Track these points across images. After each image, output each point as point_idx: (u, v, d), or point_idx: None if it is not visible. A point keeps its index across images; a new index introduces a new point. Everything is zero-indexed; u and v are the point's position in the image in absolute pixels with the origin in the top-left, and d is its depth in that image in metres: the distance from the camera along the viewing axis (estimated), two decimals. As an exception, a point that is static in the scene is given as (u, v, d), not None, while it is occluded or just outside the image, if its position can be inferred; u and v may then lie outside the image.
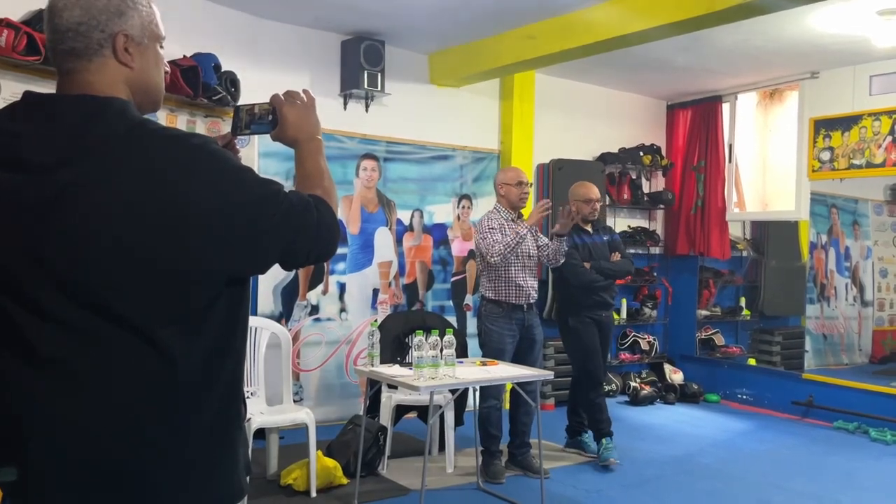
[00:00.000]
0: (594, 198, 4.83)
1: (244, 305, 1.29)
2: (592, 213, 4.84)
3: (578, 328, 4.77)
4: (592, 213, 4.84)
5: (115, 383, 1.15)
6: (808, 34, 5.18)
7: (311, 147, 1.42)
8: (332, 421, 5.07)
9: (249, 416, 3.70)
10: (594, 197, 4.83)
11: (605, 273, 4.78)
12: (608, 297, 4.88)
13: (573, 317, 4.78)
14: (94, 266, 1.13)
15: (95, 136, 1.17)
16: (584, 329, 4.76)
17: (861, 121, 5.72)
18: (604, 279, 4.78)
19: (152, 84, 1.30)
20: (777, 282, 7.24)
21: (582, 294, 4.75)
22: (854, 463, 4.82)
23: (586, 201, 4.80)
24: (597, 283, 4.75)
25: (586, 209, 4.80)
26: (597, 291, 4.77)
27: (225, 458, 1.26)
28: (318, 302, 5.41)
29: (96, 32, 1.21)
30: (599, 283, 4.76)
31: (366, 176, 5.61)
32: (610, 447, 4.64)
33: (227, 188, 1.19)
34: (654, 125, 7.27)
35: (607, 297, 4.87)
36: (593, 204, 4.82)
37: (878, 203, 6.64)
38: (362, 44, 5.25)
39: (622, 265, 4.92)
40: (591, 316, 4.78)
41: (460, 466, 4.48)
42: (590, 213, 4.83)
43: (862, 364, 6.64)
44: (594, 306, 4.79)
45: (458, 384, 3.66)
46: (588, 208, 4.81)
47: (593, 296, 4.77)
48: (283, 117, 1.42)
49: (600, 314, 4.82)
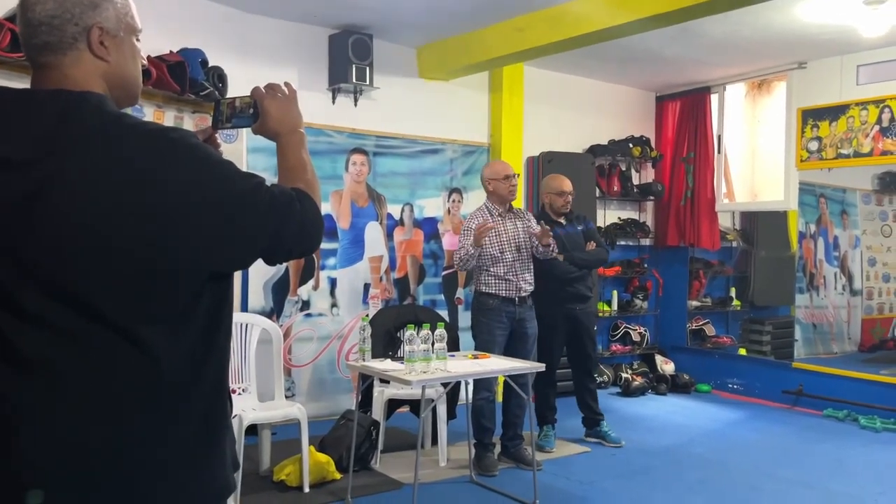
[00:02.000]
0: (567, 190, 4.84)
1: (228, 301, 1.28)
2: (565, 205, 4.85)
3: (543, 319, 4.59)
4: (565, 205, 4.85)
5: (98, 382, 1.13)
6: (796, 24, 5.17)
7: (293, 140, 1.40)
8: (325, 416, 5.06)
9: (238, 413, 3.68)
10: (567, 189, 4.84)
11: (577, 264, 4.77)
12: (583, 289, 4.86)
13: (543, 307, 4.60)
14: (73, 263, 1.12)
15: (72, 131, 1.15)
16: (550, 325, 4.67)
17: (848, 110, 5.73)
18: (577, 270, 4.77)
19: (129, 77, 1.28)
20: (767, 272, 7.26)
21: (557, 286, 4.73)
22: (844, 450, 4.85)
23: (559, 194, 4.82)
24: (570, 274, 4.74)
25: (559, 202, 4.82)
26: (571, 283, 4.76)
27: (212, 455, 1.25)
28: (309, 297, 5.39)
29: (70, 26, 1.19)
30: (573, 273, 4.75)
31: (355, 170, 5.59)
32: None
33: (207, 182, 1.17)
34: (644, 117, 7.27)
35: (582, 287, 4.85)
36: (566, 196, 4.83)
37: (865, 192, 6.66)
38: (350, 38, 5.22)
39: (596, 254, 4.90)
40: (564, 309, 4.75)
41: (453, 459, 4.48)
42: (562, 206, 4.84)
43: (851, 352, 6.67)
44: (569, 299, 4.77)
45: (450, 377, 3.65)
46: (561, 200, 4.82)
47: (567, 287, 4.76)
48: (264, 110, 1.41)
49: (575, 307, 4.80)
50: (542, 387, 4.81)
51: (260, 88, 1.43)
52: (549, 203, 4.85)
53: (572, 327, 4.82)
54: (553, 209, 4.84)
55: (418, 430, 3.76)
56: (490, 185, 4.45)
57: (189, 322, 1.19)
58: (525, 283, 4.38)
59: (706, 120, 6.86)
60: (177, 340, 1.17)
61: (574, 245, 4.82)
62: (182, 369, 1.18)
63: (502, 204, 4.45)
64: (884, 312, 6.64)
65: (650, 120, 7.32)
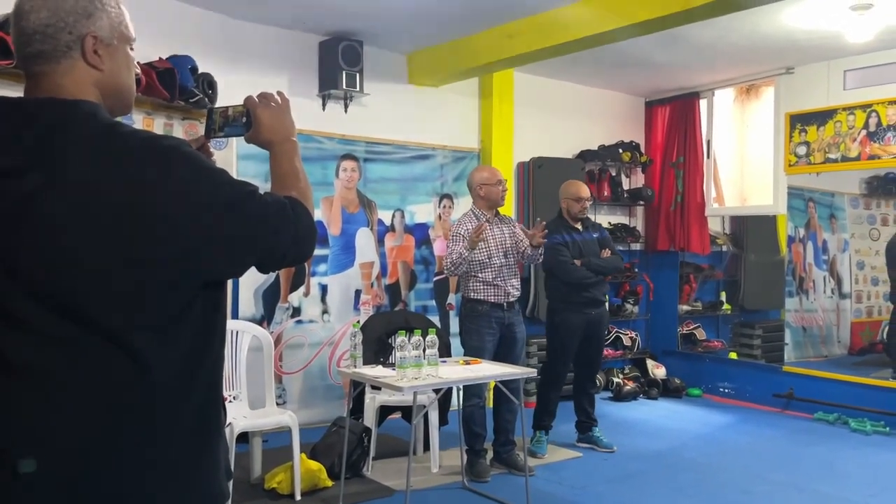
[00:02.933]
0: (584, 196, 4.89)
1: (221, 309, 1.28)
2: (582, 211, 4.89)
3: (561, 326, 4.80)
4: (582, 211, 4.89)
5: (89, 391, 1.13)
6: (783, 30, 5.23)
7: (285, 148, 1.41)
8: (316, 423, 5.04)
9: (230, 421, 3.67)
10: (584, 195, 4.89)
11: (595, 269, 4.82)
12: (599, 294, 4.92)
13: (560, 314, 4.81)
14: (65, 271, 1.12)
15: (65, 139, 1.15)
16: (565, 329, 4.79)
17: (836, 115, 5.79)
18: (594, 276, 4.82)
19: (123, 86, 1.29)
20: (757, 276, 7.30)
21: (572, 291, 4.78)
22: (834, 453, 4.88)
23: (576, 199, 4.86)
24: (587, 279, 4.78)
25: (576, 207, 4.86)
26: (587, 288, 4.80)
27: (205, 464, 1.25)
28: (300, 304, 5.38)
29: (64, 34, 1.20)
30: (590, 279, 4.80)
31: (346, 177, 5.59)
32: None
33: (201, 190, 1.18)
34: (633, 122, 7.31)
35: (598, 293, 4.90)
36: (583, 202, 4.88)
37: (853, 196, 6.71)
38: (340, 44, 5.23)
39: (612, 262, 4.97)
40: (581, 315, 4.79)
41: (445, 466, 4.48)
42: (579, 212, 4.88)
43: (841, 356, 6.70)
44: (584, 304, 4.81)
45: (442, 384, 3.66)
46: (578, 206, 4.86)
47: (584, 293, 4.80)
48: (257, 119, 1.42)
49: (590, 312, 4.84)
50: (547, 391, 4.87)
51: (253, 97, 1.44)
52: (566, 208, 4.90)
53: (586, 332, 4.85)
54: (570, 215, 4.89)
55: (410, 436, 3.76)
56: (482, 190, 4.46)
57: (182, 329, 1.19)
58: (513, 289, 4.40)
59: (695, 125, 6.91)
60: (169, 348, 1.18)
61: (590, 251, 4.88)
62: (175, 377, 1.18)
63: (490, 209, 4.46)
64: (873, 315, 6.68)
65: (640, 125, 7.36)
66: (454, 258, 4.27)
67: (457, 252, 4.25)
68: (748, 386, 6.36)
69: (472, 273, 4.34)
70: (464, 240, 4.25)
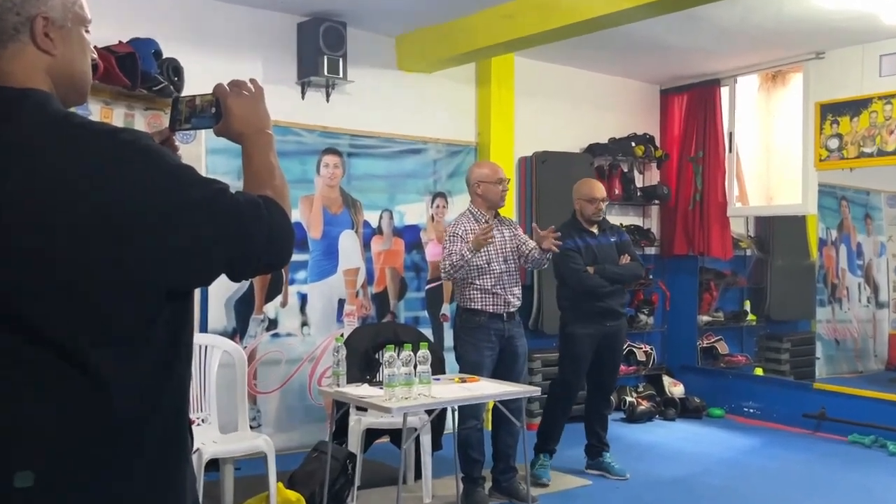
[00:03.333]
0: (598, 196, 4.87)
1: (188, 323, 1.28)
2: (597, 212, 4.87)
3: (573, 338, 4.80)
4: (597, 212, 4.87)
5: (39, 411, 1.13)
6: (811, 10, 5.25)
7: (259, 142, 1.41)
8: (295, 448, 5.04)
9: (197, 447, 3.66)
10: (599, 196, 4.87)
11: (610, 278, 4.79)
12: (616, 305, 4.89)
13: (571, 325, 4.81)
14: (12, 280, 1.12)
15: (12, 132, 1.15)
16: (578, 342, 4.79)
17: (871, 104, 5.82)
18: (609, 284, 4.79)
19: (77, 73, 1.29)
20: (784, 283, 7.33)
21: (585, 301, 4.76)
22: (871, 479, 4.89)
23: (590, 200, 4.85)
24: (601, 288, 4.76)
25: (590, 209, 4.85)
26: (602, 298, 4.78)
27: (170, 495, 1.25)
28: (277, 315, 5.38)
29: (11, 15, 1.19)
30: (604, 288, 4.77)
31: (328, 173, 5.59)
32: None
33: (164, 189, 1.17)
34: (647, 112, 7.34)
35: (615, 304, 4.88)
36: (597, 203, 4.86)
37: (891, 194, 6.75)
38: (321, 26, 5.23)
39: (630, 269, 4.93)
40: (596, 326, 4.78)
41: (439, 496, 4.47)
42: (594, 213, 4.87)
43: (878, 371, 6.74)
44: (599, 315, 4.79)
45: (435, 404, 3.66)
46: (592, 208, 4.85)
47: (598, 303, 4.78)
48: (227, 110, 1.41)
49: (606, 324, 4.82)
50: (554, 410, 4.86)
51: (223, 86, 1.43)
52: (579, 210, 4.88)
53: (600, 345, 4.85)
54: (584, 217, 4.87)
55: (400, 463, 3.76)
56: (479, 189, 4.46)
57: (143, 346, 1.19)
58: (513, 298, 4.40)
59: (716, 115, 6.94)
60: (129, 367, 1.17)
61: (606, 257, 4.85)
62: (135, 398, 1.18)
63: (489, 210, 4.46)
64: (912, 326, 6.73)
65: (654, 116, 7.39)
66: (454, 259, 4.20)
67: (457, 253, 4.19)
68: (775, 405, 6.38)
69: (468, 280, 4.33)
70: (463, 240, 4.24)
